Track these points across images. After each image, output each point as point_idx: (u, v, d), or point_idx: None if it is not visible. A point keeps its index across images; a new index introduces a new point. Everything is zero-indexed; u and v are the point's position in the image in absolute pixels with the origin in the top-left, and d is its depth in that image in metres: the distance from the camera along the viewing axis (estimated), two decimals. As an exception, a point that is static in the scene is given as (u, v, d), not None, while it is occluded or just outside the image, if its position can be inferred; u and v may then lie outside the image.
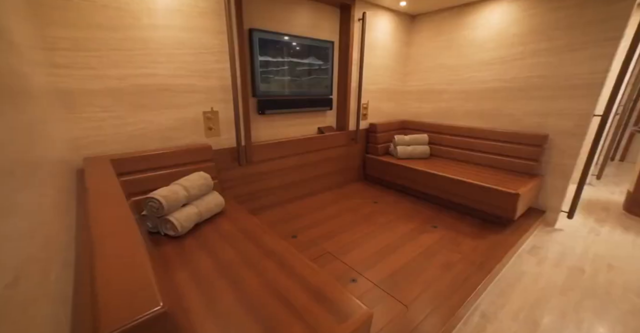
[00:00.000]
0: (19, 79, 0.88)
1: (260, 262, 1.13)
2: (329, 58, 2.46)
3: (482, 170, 2.42)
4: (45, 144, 0.97)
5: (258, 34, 1.95)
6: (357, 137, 2.84)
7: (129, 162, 1.42)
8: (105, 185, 0.97)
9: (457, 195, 2.24)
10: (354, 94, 2.70)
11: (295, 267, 1.10)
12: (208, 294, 0.94)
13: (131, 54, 1.41)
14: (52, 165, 1.00)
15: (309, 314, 0.88)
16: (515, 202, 1.92)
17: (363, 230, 2.00)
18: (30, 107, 0.91)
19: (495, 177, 2.25)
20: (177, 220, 1.26)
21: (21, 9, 1.06)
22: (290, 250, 1.22)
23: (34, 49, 1.13)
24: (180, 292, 0.95)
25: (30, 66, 1.05)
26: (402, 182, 2.66)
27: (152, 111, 1.54)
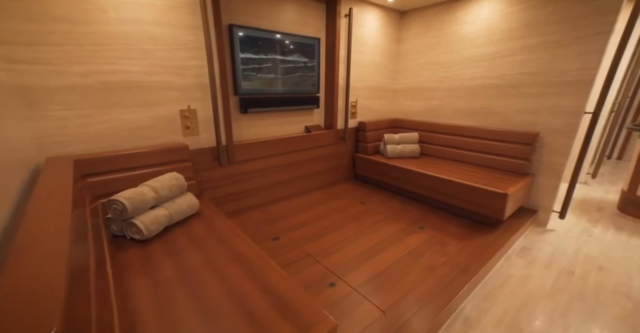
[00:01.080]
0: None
1: (226, 268, 1.07)
2: (315, 55, 2.40)
3: (473, 170, 2.36)
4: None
5: (239, 30, 1.89)
6: (345, 135, 2.78)
7: (95, 163, 1.36)
8: (53, 190, 0.91)
9: (446, 195, 2.18)
10: (341, 92, 2.64)
11: (263, 273, 1.04)
12: (163, 304, 0.88)
13: (97, 49, 1.35)
14: (4, 166, 0.95)
15: (269, 325, 0.82)
16: (503, 202, 1.86)
17: (348, 231, 1.95)
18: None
19: (485, 176, 2.19)
20: (142, 223, 1.20)
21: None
22: (261, 255, 1.16)
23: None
24: (133, 301, 0.89)
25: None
26: (392, 182, 2.61)
27: (122, 109, 1.48)
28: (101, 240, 1.11)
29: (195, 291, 0.93)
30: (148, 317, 0.84)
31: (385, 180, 2.68)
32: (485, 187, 1.94)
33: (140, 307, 0.88)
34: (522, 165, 2.20)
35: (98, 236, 1.14)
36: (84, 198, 1.23)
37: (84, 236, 0.96)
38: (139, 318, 0.83)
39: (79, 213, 1.03)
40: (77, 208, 1.03)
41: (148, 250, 1.17)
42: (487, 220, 2.08)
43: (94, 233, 1.14)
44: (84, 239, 0.94)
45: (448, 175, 2.18)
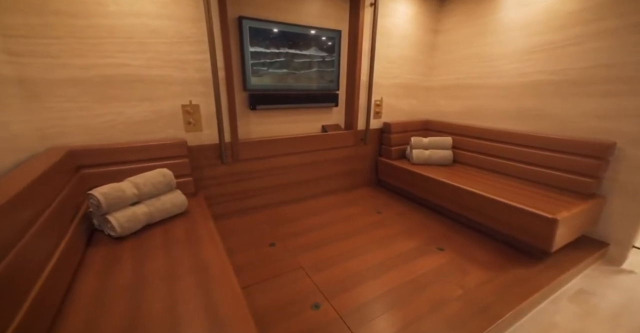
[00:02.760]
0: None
1: (182, 279, 0.96)
2: (335, 49, 2.21)
3: (516, 185, 1.95)
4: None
5: (248, 23, 1.80)
6: (366, 137, 2.54)
7: (90, 154, 1.38)
8: (17, 177, 0.89)
9: (477, 212, 1.82)
10: (363, 90, 2.41)
11: (216, 290, 0.91)
12: (95, 317, 0.80)
13: (96, 42, 1.36)
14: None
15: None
16: (552, 229, 1.46)
17: (354, 243, 1.73)
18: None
19: (531, 194, 1.77)
20: (116, 220, 1.16)
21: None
22: (226, 267, 1.03)
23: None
24: (68, 305, 0.83)
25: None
26: (415, 191, 2.30)
27: (122, 103, 1.49)
28: (79, 232, 1.10)
29: (137, 304, 0.84)
30: (72, 327, 0.76)
31: (408, 189, 2.38)
32: (529, 208, 1.55)
33: (70, 314, 0.81)
34: (586, 184, 1.72)
35: (78, 228, 1.13)
36: (75, 189, 1.24)
37: (55, 225, 0.95)
38: (62, 326, 0.76)
39: (59, 203, 1.02)
40: (55, 198, 1.02)
41: (119, 248, 1.13)
42: (529, 249, 1.68)
43: (78, 224, 1.13)
44: (52, 228, 0.92)
45: (483, 190, 1.81)
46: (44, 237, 0.89)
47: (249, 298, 1.28)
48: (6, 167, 1.04)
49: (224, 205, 2.00)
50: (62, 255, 0.94)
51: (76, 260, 1.02)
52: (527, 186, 1.91)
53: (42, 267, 0.84)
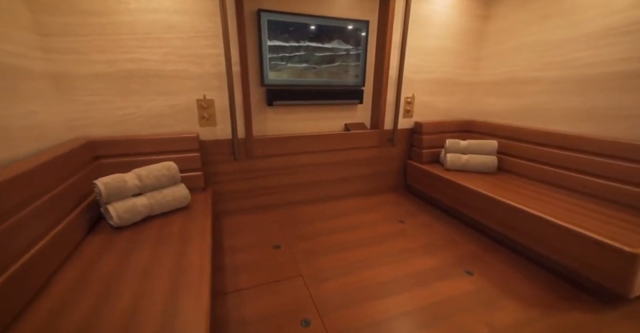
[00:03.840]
0: (16, 62, 1.08)
1: (158, 278, 0.93)
2: (361, 41, 2.04)
3: (579, 202, 1.55)
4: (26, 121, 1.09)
5: (267, 16, 1.74)
6: (394, 137, 2.31)
7: (108, 145, 1.46)
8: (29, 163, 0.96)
9: (522, 233, 1.49)
10: (392, 85, 2.19)
11: (183, 294, 0.85)
12: (61, 307, 0.79)
13: (118, 38, 1.43)
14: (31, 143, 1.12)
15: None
16: (631, 267, 1.10)
17: (365, 254, 1.56)
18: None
19: (601, 216, 1.39)
20: (115, 210, 1.19)
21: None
22: (204, 271, 0.97)
23: (31, 34, 1.25)
24: (40, 295, 0.84)
25: (28, 50, 1.19)
26: (446, 201, 2.01)
27: (141, 97, 1.55)
28: (82, 218, 1.16)
29: (103, 300, 0.82)
30: (36, 319, 0.76)
31: (438, 198, 2.10)
32: (598, 235, 1.19)
33: (41, 299, 0.82)
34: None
35: (83, 214, 1.19)
36: (89, 177, 1.32)
37: (55, 208, 1.02)
38: (29, 311, 0.77)
39: (64, 189, 1.08)
40: (61, 183, 1.08)
41: (115, 239, 1.15)
42: (595, 287, 1.31)
43: (83, 211, 1.19)
44: (50, 211, 0.99)
45: (533, 206, 1.47)
46: (39, 217, 0.94)
47: (237, 303, 1.21)
48: (30, 153, 1.14)
49: (235, 202, 1.99)
50: (55, 238, 0.98)
51: (71, 245, 1.06)
52: (597, 205, 1.51)
53: (29, 247, 0.87)
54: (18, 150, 1.08)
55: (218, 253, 1.56)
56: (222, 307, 1.20)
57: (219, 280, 1.35)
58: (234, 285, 1.32)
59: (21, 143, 1.10)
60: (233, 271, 1.42)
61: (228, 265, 1.47)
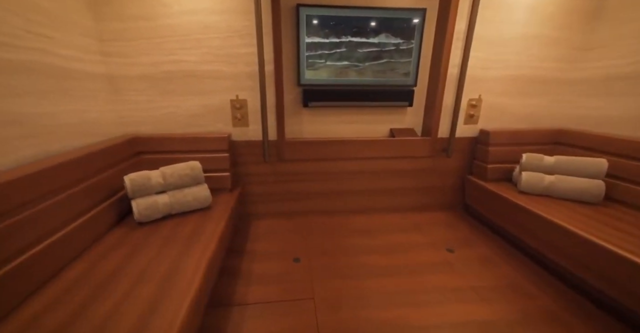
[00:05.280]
0: (76, 65, 1.26)
1: (150, 281, 0.89)
2: (415, 33, 1.76)
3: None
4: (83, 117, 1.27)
5: (306, 11, 1.62)
6: (450, 147, 1.94)
7: (148, 142, 1.56)
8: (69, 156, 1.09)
9: (636, 297, 1.03)
10: (452, 85, 1.84)
11: (163, 304, 0.79)
12: (54, 303, 0.80)
13: (161, 41, 1.50)
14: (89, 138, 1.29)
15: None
16: None
17: (394, 287, 1.30)
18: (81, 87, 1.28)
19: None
20: (137, 206, 1.23)
21: (85, 3, 1.35)
22: (195, 280, 0.90)
23: (92, 40, 1.40)
24: (47, 285, 0.87)
25: (87, 55, 1.34)
26: (516, 232, 1.58)
27: (179, 97, 1.61)
28: (112, 211, 1.23)
29: (90, 302, 0.81)
30: (40, 308, 0.79)
31: (504, 226, 1.67)
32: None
33: (45, 291, 0.85)
34: None
35: (113, 207, 1.27)
36: (130, 171, 1.41)
37: (85, 199, 1.11)
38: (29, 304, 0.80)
39: (95, 182, 1.17)
40: (92, 177, 1.17)
41: (133, 234, 1.19)
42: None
43: (113, 204, 1.27)
44: (78, 202, 1.07)
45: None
46: (74, 203, 1.04)
47: (238, 319, 1.12)
48: (81, 146, 1.27)
49: (264, 205, 1.94)
50: (84, 223, 1.06)
51: (93, 235, 1.12)
52: None
53: (51, 233, 0.93)
54: (71, 144, 1.22)
55: (236, 257, 1.51)
56: (222, 319, 1.13)
57: (229, 288, 1.29)
58: (241, 297, 1.24)
59: (75, 137, 1.25)
60: (245, 280, 1.35)
61: (243, 272, 1.40)
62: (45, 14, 1.14)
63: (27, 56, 1.05)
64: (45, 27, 1.13)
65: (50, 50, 1.15)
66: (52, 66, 1.16)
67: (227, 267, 1.44)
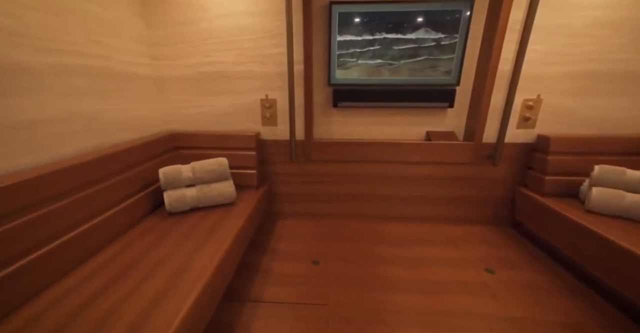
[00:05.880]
0: (129, 69, 1.43)
1: (161, 272, 0.94)
2: (460, 27, 1.58)
3: None
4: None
5: (339, 8, 1.58)
6: (497, 154, 1.71)
7: (185, 138, 1.68)
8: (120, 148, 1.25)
9: None
10: (502, 83, 1.62)
11: (166, 298, 0.82)
12: (74, 288, 0.86)
13: (199, 44, 1.60)
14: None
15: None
16: None
17: (417, 305, 1.18)
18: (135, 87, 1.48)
19: None
20: (168, 197, 1.32)
21: (137, 13, 1.50)
22: (203, 274, 0.93)
23: (143, 45, 1.56)
24: (74, 271, 0.94)
25: (139, 59, 1.51)
26: (579, 259, 1.33)
27: (213, 96, 1.71)
28: (148, 200, 1.36)
29: (103, 291, 0.85)
30: (61, 291, 0.86)
31: (566, 252, 1.41)
32: None
33: (70, 277, 0.91)
34: None
35: (149, 196, 1.39)
36: (168, 164, 1.55)
37: (124, 187, 1.24)
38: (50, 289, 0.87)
39: (134, 174, 1.30)
40: (131, 169, 1.30)
41: (162, 224, 1.28)
42: None
43: (150, 193, 1.40)
44: (119, 190, 1.21)
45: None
46: (111, 191, 1.16)
47: (250, 315, 1.14)
48: (129, 140, 1.43)
49: (290, 205, 1.95)
50: (119, 211, 1.17)
51: (130, 221, 1.24)
52: None
53: (92, 217, 1.06)
54: (121, 137, 1.38)
55: (258, 254, 1.54)
56: (234, 314, 1.15)
57: (246, 283, 1.32)
58: (257, 294, 1.26)
59: (125, 132, 1.41)
60: (263, 277, 1.36)
61: (262, 270, 1.43)
62: (105, 24, 1.30)
63: (88, 61, 1.20)
64: (104, 36, 1.29)
65: (108, 56, 1.31)
66: (109, 69, 1.31)
67: (247, 262, 1.47)
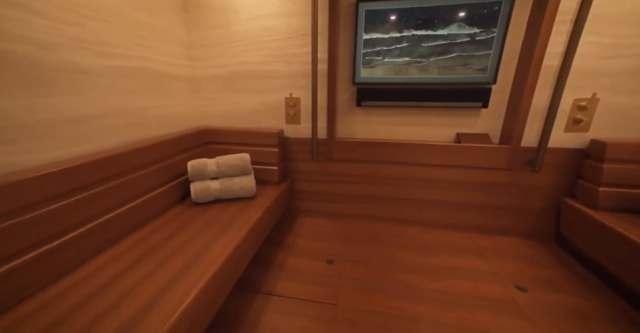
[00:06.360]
0: (169, 70, 1.57)
1: (177, 257, 1.00)
2: (499, 19, 1.45)
3: None
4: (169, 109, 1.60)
5: (365, 6, 1.55)
6: (538, 159, 1.54)
7: (214, 133, 1.79)
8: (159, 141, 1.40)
9: None
10: (547, 80, 1.45)
11: (180, 281, 0.89)
12: (95, 273, 0.93)
13: (230, 46, 1.69)
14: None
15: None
16: None
17: (431, 317, 1.13)
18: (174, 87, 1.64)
19: None
20: (194, 188, 1.43)
21: (180, 19, 1.65)
22: (217, 261, 0.98)
23: (183, 48, 1.71)
24: (100, 254, 1.03)
25: (178, 60, 1.65)
26: None
27: (242, 95, 1.80)
28: (178, 189, 1.49)
29: (121, 275, 0.92)
30: (98, 267, 0.97)
31: (624, 278, 1.22)
32: None
33: (92, 261, 1.00)
34: None
35: (179, 186, 1.52)
36: (199, 157, 1.68)
37: (159, 177, 1.39)
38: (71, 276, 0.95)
39: (166, 165, 1.44)
40: (164, 160, 1.43)
41: (188, 212, 1.38)
42: None
43: (180, 183, 1.53)
44: (155, 178, 1.36)
45: None
46: (147, 179, 1.30)
47: (260, 307, 1.19)
48: (165, 134, 1.58)
49: (310, 203, 1.97)
50: (151, 198, 1.30)
51: (159, 208, 1.37)
52: None
53: (127, 201, 1.19)
54: (159, 131, 1.53)
55: (275, 249, 1.59)
56: (245, 304, 1.20)
57: (260, 276, 1.38)
58: (268, 287, 1.30)
59: (163, 126, 1.57)
60: (276, 271, 1.41)
61: (277, 264, 1.47)
62: (153, 30, 1.44)
63: (135, 63, 1.35)
64: (151, 40, 1.44)
65: (152, 58, 1.46)
66: (152, 70, 1.46)
67: (263, 255, 1.53)
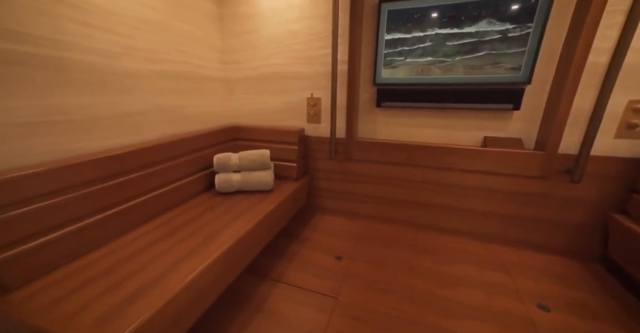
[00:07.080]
0: (206, 72, 1.75)
1: (190, 239, 1.12)
2: (536, 14, 1.34)
3: None
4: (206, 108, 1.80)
5: (388, 6, 1.55)
6: (578, 168, 1.39)
7: (241, 130, 1.95)
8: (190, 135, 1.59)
9: None
10: (594, 79, 1.31)
11: (189, 259, 1.01)
12: (113, 251, 1.04)
13: (260, 49, 1.81)
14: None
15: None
16: None
17: (437, 326, 1.10)
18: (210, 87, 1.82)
19: None
20: (218, 178, 1.58)
21: (216, 26, 1.82)
22: (223, 244, 1.09)
23: (217, 53, 1.89)
24: (122, 236, 1.17)
25: (213, 64, 1.83)
26: None
27: (268, 95, 1.91)
28: (205, 178, 1.66)
29: (141, 251, 1.04)
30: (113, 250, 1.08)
31: None
32: None
33: (113, 242, 1.12)
34: None
35: (207, 176, 1.69)
36: (227, 151, 1.84)
37: (190, 167, 1.57)
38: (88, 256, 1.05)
39: (197, 157, 1.61)
40: (196, 152, 1.61)
41: (212, 200, 1.53)
42: None
43: (208, 174, 1.70)
44: (186, 167, 1.54)
45: None
46: (179, 168, 1.48)
47: (265, 293, 1.28)
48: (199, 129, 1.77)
49: (328, 200, 2.02)
50: (182, 185, 1.49)
51: (188, 195, 1.54)
52: None
53: (161, 186, 1.37)
54: (193, 127, 1.72)
55: (289, 240, 1.69)
56: (253, 287, 1.31)
57: (271, 263, 1.48)
58: (277, 274, 1.39)
59: (198, 123, 1.75)
60: (287, 261, 1.49)
61: (288, 254, 1.56)
62: (191, 37, 1.64)
63: (174, 67, 1.55)
64: (189, 46, 1.63)
65: (190, 62, 1.65)
66: (190, 73, 1.65)
67: (277, 246, 1.63)
